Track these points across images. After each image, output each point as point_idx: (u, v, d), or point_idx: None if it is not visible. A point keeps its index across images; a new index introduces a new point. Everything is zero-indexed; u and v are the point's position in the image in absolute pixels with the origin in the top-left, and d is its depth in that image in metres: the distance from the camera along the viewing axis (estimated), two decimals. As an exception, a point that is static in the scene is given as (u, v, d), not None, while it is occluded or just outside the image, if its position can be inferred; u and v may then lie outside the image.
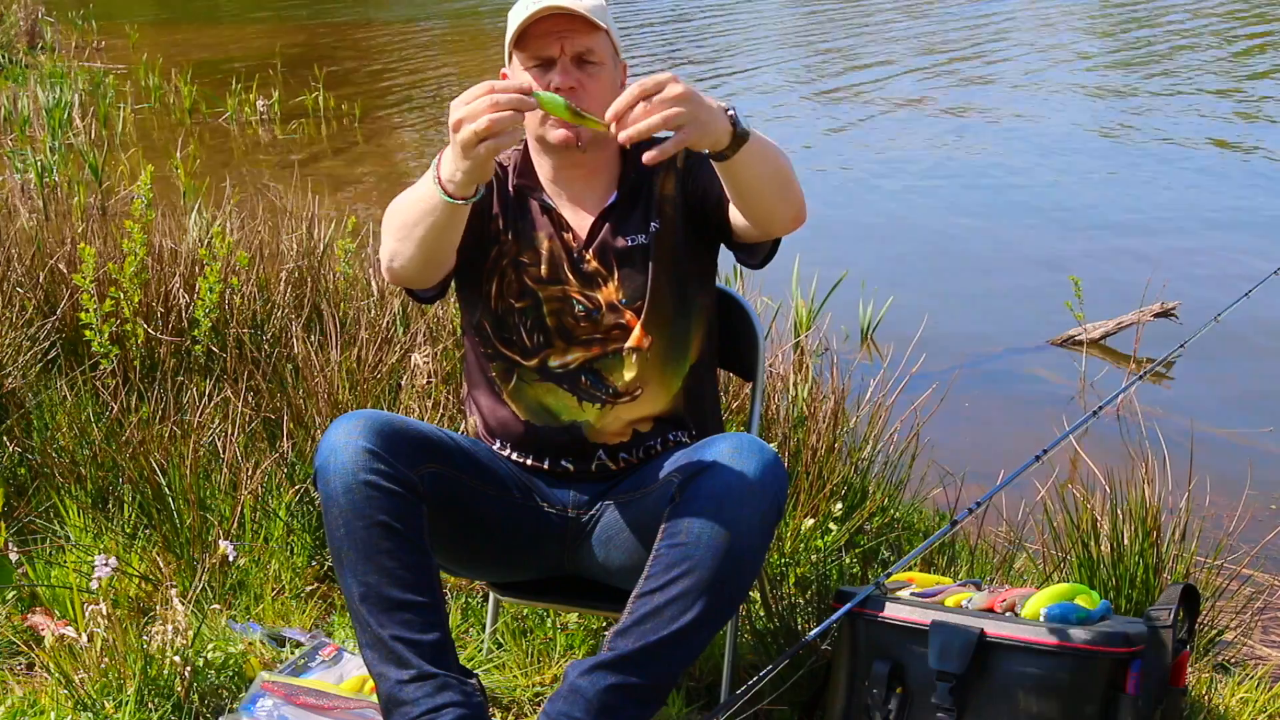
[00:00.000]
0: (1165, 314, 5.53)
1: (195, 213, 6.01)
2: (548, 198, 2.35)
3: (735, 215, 2.25)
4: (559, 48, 2.23)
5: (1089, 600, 2.36)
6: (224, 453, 3.22)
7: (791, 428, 3.51)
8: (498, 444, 2.41)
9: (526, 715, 2.61)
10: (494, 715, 2.56)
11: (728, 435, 2.16)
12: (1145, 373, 3.04)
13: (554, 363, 2.33)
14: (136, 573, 2.87)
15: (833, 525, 3.12)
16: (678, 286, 2.35)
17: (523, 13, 2.23)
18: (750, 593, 2.45)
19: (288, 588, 2.96)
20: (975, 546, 3.26)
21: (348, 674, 2.56)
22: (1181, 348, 3.00)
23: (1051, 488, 3.26)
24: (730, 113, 2.00)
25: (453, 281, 2.36)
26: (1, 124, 9.36)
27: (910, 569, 2.72)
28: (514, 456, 2.40)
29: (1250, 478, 3.55)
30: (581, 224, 2.35)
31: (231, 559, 2.83)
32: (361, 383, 3.52)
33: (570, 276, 2.33)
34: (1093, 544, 2.95)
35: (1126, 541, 2.91)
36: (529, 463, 2.38)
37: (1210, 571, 3.04)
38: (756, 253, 2.31)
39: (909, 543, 3.32)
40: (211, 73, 12.18)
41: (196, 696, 2.46)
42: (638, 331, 2.31)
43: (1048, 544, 3.14)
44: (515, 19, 2.25)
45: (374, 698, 2.22)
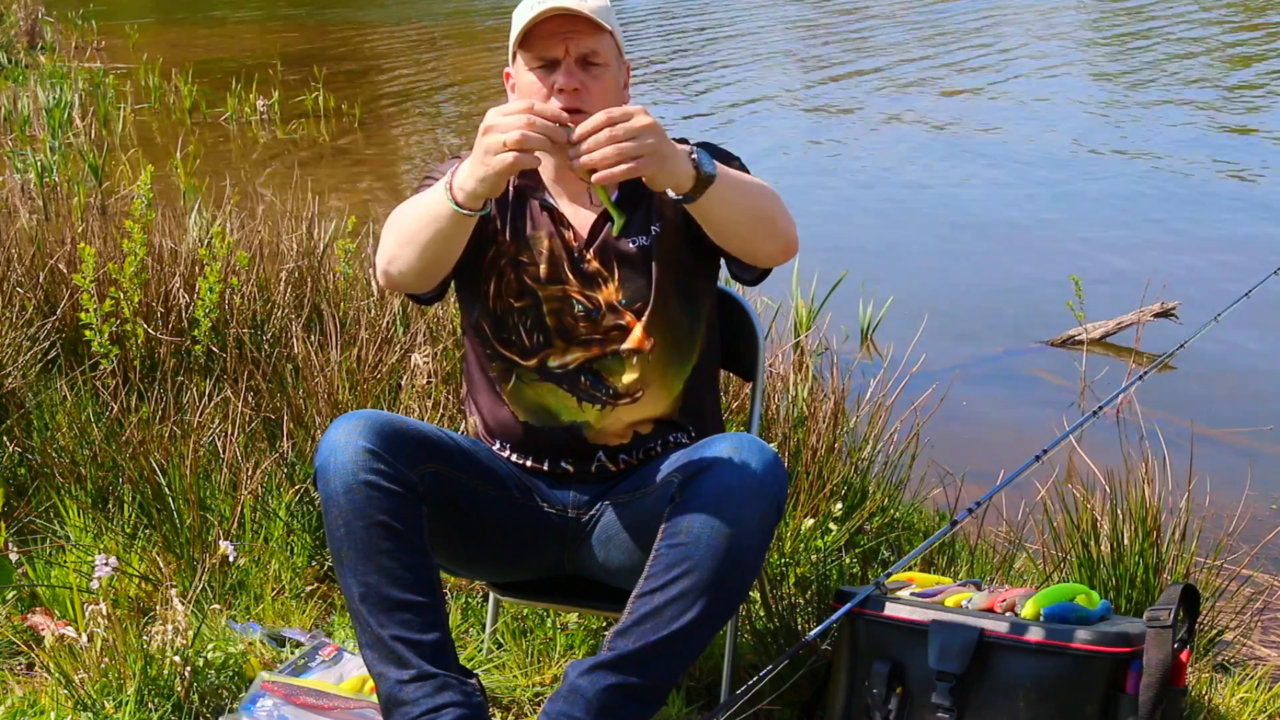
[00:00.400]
0: (1165, 314, 5.53)
1: (195, 213, 6.02)
2: (549, 196, 2.35)
3: None
4: (564, 49, 2.23)
5: (1089, 600, 2.36)
6: (224, 453, 3.22)
7: (791, 428, 3.51)
8: (497, 445, 2.41)
9: (526, 715, 2.61)
10: (494, 715, 2.56)
11: (728, 435, 2.16)
12: (1145, 373, 3.03)
13: (553, 363, 2.33)
14: (136, 573, 2.87)
15: (833, 525, 3.12)
16: (682, 289, 2.35)
17: (528, 13, 2.22)
18: (750, 593, 2.45)
19: (288, 588, 2.96)
20: (975, 546, 3.26)
21: (348, 674, 2.56)
22: (1181, 348, 3.00)
23: (1051, 488, 3.26)
24: (694, 155, 2.01)
25: (452, 282, 2.36)
26: (1, 124, 9.36)
27: (910, 569, 2.72)
28: (514, 458, 2.40)
29: (1250, 478, 3.55)
30: (582, 223, 2.35)
31: (231, 559, 2.83)
32: (361, 383, 3.53)
33: (570, 276, 2.33)
34: (1093, 544, 2.95)
35: (1126, 541, 2.91)
36: (529, 464, 2.38)
37: (1210, 571, 3.04)
38: (751, 270, 2.30)
39: (909, 543, 3.32)
40: (211, 73, 12.18)
41: (196, 696, 2.46)
42: (639, 333, 2.31)
43: (1048, 544, 3.14)
44: (520, 19, 2.24)
45: (374, 698, 2.22)
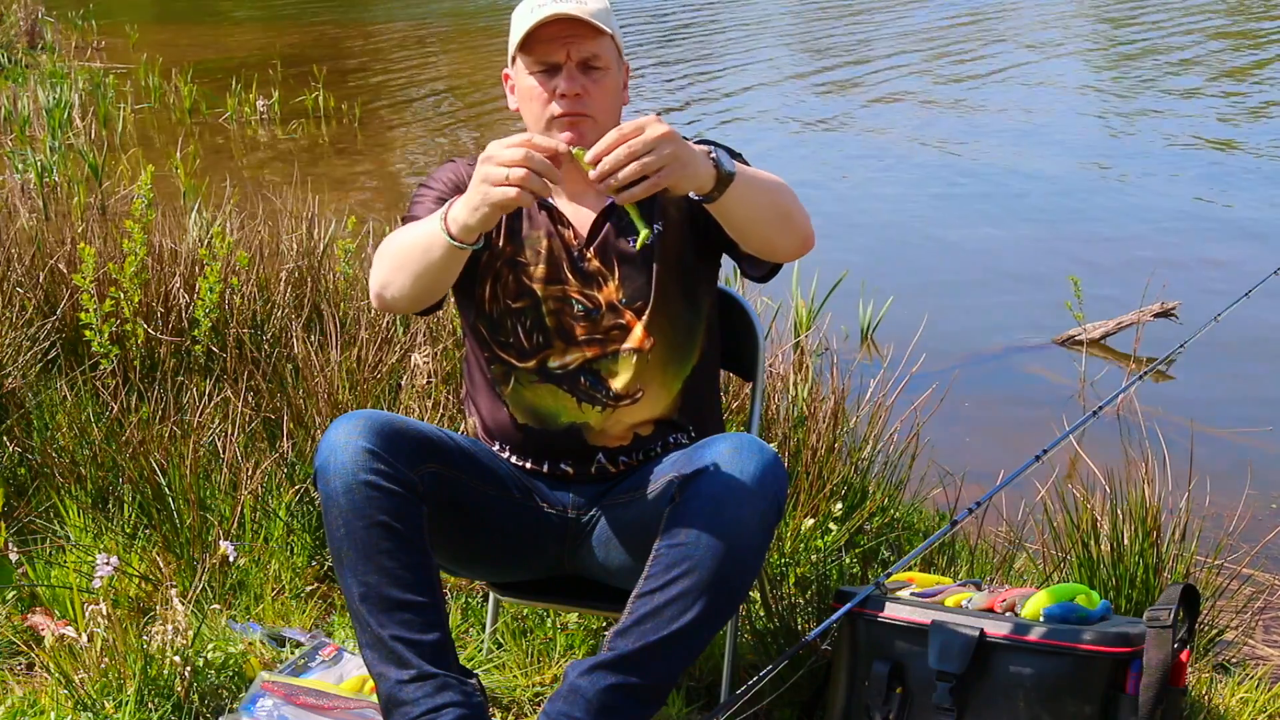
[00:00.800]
0: (1165, 314, 5.53)
1: (195, 213, 6.01)
2: (534, 202, 2.34)
3: None
4: (564, 54, 2.22)
5: (1089, 600, 2.36)
6: (224, 453, 3.22)
7: (791, 428, 3.51)
8: (497, 445, 2.41)
9: (526, 715, 2.61)
10: (494, 715, 2.56)
11: (728, 435, 2.15)
12: (1145, 373, 3.03)
13: (553, 363, 2.33)
14: (136, 573, 2.87)
15: (833, 525, 3.12)
16: (683, 288, 2.35)
17: (528, 17, 2.22)
18: (750, 593, 2.45)
19: (288, 588, 2.96)
20: (975, 546, 3.26)
21: (348, 674, 2.56)
22: (1181, 348, 3.00)
23: (1051, 488, 3.26)
24: (713, 155, 2.01)
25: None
26: (1, 124, 9.36)
27: (910, 569, 2.72)
28: (513, 459, 2.39)
29: (1250, 478, 3.56)
30: (582, 222, 2.34)
31: (231, 559, 2.83)
32: (361, 383, 3.52)
33: (570, 276, 2.32)
34: (1093, 544, 2.95)
35: (1126, 541, 2.91)
36: (528, 465, 2.38)
37: (1210, 571, 3.04)
38: (761, 266, 2.30)
39: (909, 543, 3.32)
40: (211, 73, 12.17)
41: (196, 696, 2.46)
42: (639, 333, 2.31)
43: (1048, 544, 3.14)
44: (520, 22, 2.24)
45: (374, 698, 2.22)
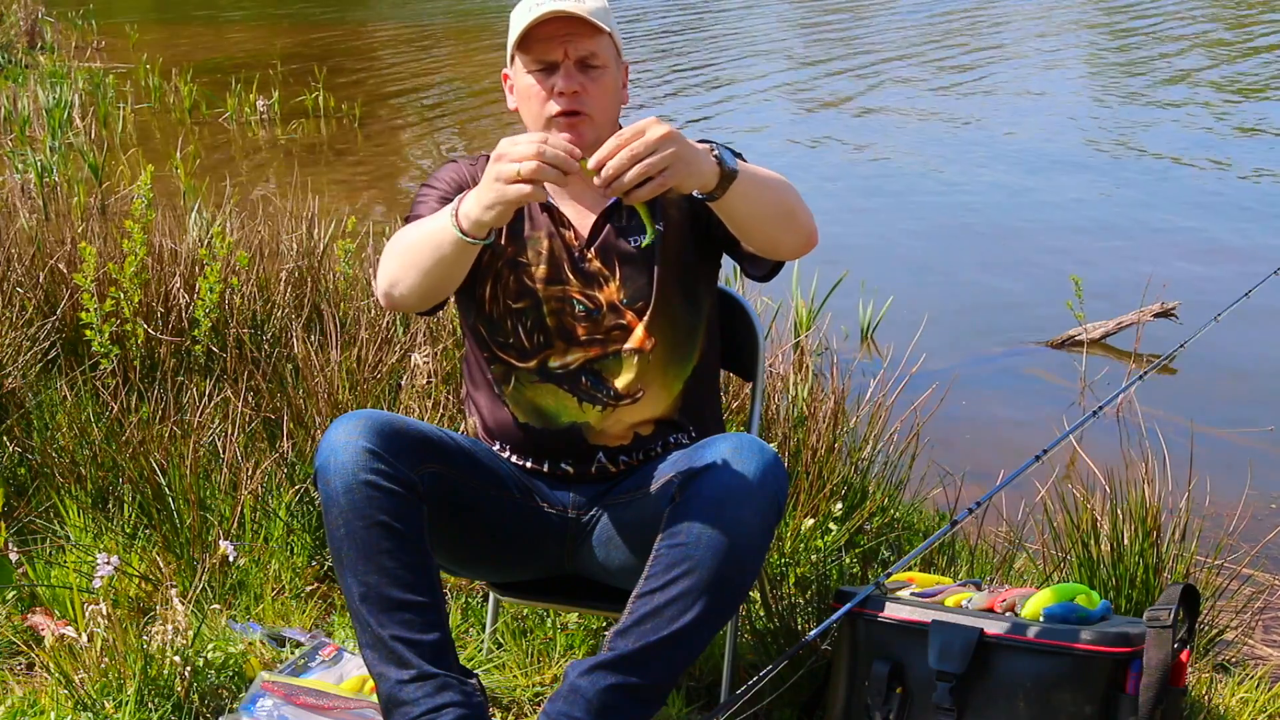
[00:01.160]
0: (1165, 314, 5.53)
1: (195, 213, 6.02)
2: (549, 196, 2.34)
3: None
4: (562, 52, 2.22)
5: (1089, 600, 2.36)
6: (224, 453, 3.21)
7: (791, 428, 3.51)
8: (497, 445, 2.41)
9: (526, 715, 2.61)
10: (494, 715, 2.56)
11: (728, 435, 2.15)
12: (1145, 373, 3.03)
13: (554, 363, 2.33)
14: (136, 573, 2.87)
15: (833, 525, 3.12)
16: (684, 288, 2.35)
17: (526, 15, 2.22)
18: (750, 593, 2.45)
19: (288, 588, 2.96)
20: (975, 546, 3.26)
21: (348, 674, 2.56)
22: (1181, 348, 3.00)
23: (1051, 488, 3.26)
24: (715, 152, 2.01)
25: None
26: (1, 124, 9.36)
27: (910, 569, 2.71)
28: (513, 458, 2.39)
29: (1250, 478, 3.56)
30: (583, 222, 2.34)
31: (231, 559, 2.83)
32: (361, 383, 3.52)
33: (571, 276, 2.32)
34: (1093, 544, 2.95)
35: (1126, 541, 2.91)
36: (528, 465, 2.38)
37: (1210, 571, 3.04)
38: (762, 265, 2.30)
39: (909, 543, 3.32)
40: (211, 73, 12.18)
41: (196, 696, 2.46)
42: (640, 333, 2.31)
43: (1048, 544, 3.14)
44: (518, 21, 2.24)
45: (374, 698, 2.22)
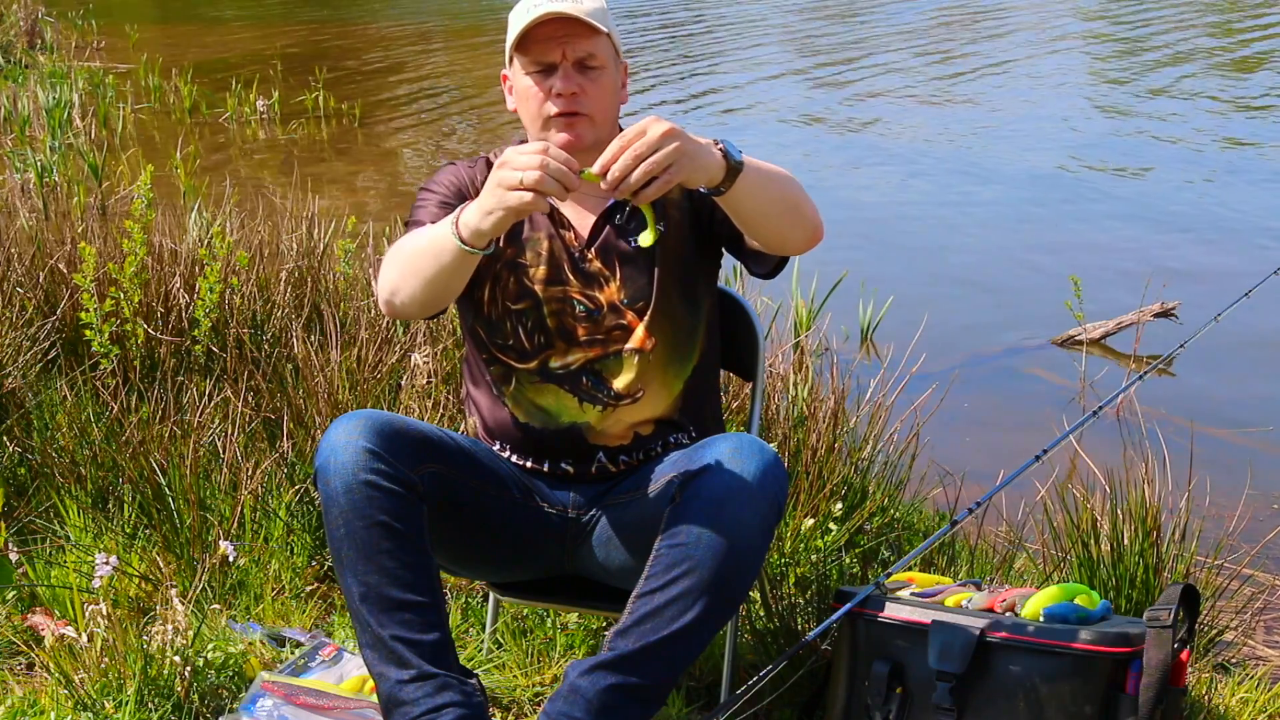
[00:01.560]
0: (1165, 314, 5.53)
1: (195, 213, 6.02)
2: (549, 208, 2.34)
3: None
4: (560, 53, 2.23)
5: (1089, 600, 2.36)
6: (224, 453, 3.21)
7: (791, 428, 3.51)
8: (497, 445, 2.41)
9: (526, 715, 2.61)
10: (494, 715, 2.56)
11: (728, 435, 2.15)
12: (1145, 373, 3.04)
13: (555, 364, 2.33)
14: (136, 573, 2.87)
15: (833, 525, 3.12)
16: (684, 289, 2.35)
17: (524, 16, 2.22)
18: (750, 593, 2.45)
19: (288, 588, 2.96)
20: (975, 546, 3.26)
21: (348, 674, 2.56)
22: (1181, 348, 3.00)
23: (1051, 488, 3.26)
24: (720, 145, 2.01)
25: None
26: (1, 124, 9.35)
27: (910, 569, 2.72)
28: (513, 458, 2.39)
29: (1250, 478, 3.56)
30: (583, 223, 2.34)
31: (231, 559, 2.83)
32: (361, 383, 3.52)
33: (571, 277, 2.33)
34: (1093, 544, 2.95)
35: (1126, 541, 2.91)
36: (528, 464, 2.38)
37: (1210, 571, 3.04)
38: (766, 262, 2.30)
39: (909, 543, 3.32)
40: (211, 73, 12.17)
41: (196, 696, 2.46)
42: (640, 333, 2.31)
43: (1048, 544, 3.14)
44: (516, 22, 2.24)
45: (374, 698, 2.22)
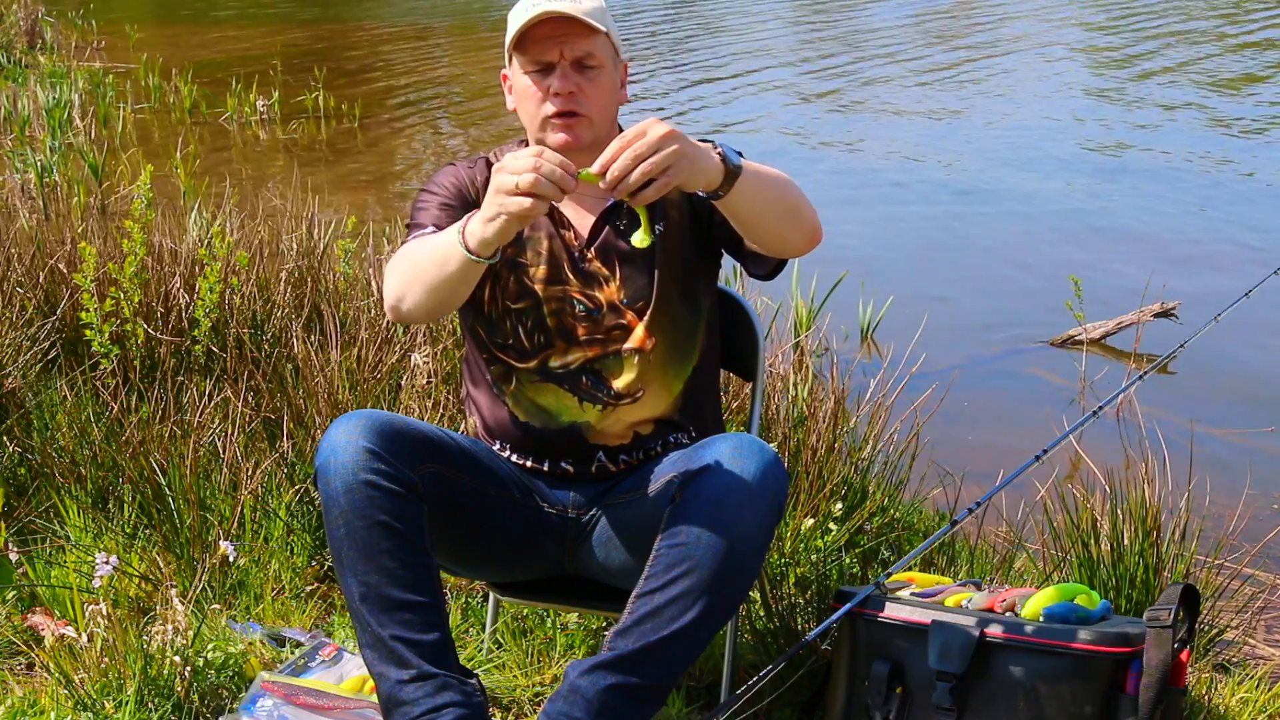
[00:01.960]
0: (1165, 314, 5.53)
1: (195, 213, 6.02)
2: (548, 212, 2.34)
3: None
4: (558, 52, 2.23)
5: (1089, 600, 2.36)
6: (224, 453, 3.21)
7: (791, 428, 3.51)
8: (497, 445, 2.41)
9: (526, 715, 2.62)
10: (494, 715, 2.56)
11: (728, 435, 2.15)
12: (1145, 373, 3.03)
13: (554, 363, 2.33)
14: (136, 573, 2.87)
15: (833, 525, 3.12)
16: (684, 289, 2.35)
17: (522, 16, 2.22)
18: (750, 593, 2.45)
19: (288, 588, 2.96)
20: (975, 546, 3.26)
21: (348, 674, 2.56)
22: (1181, 348, 3.00)
23: (1051, 488, 3.26)
24: (719, 149, 2.01)
25: None
26: (1, 124, 9.35)
27: (910, 569, 2.72)
28: (513, 458, 2.39)
29: (1250, 478, 3.56)
30: (583, 223, 2.35)
31: (231, 559, 2.83)
32: (361, 383, 3.52)
33: (571, 276, 2.33)
34: (1093, 544, 2.95)
35: (1126, 541, 2.91)
36: (528, 464, 2.38)
37: (1210, 571, 3.04)
38: (765, 264, 2.30)
39: (909, 543, 3.32)
40: (211, 73, 12.18)
41: (196, 696, 2.46)
42: (640, 333, 2.31)
43: (1048, 544, 3.14)
44: (514, 22, 2.25)
45: (374, 698, 2.22)
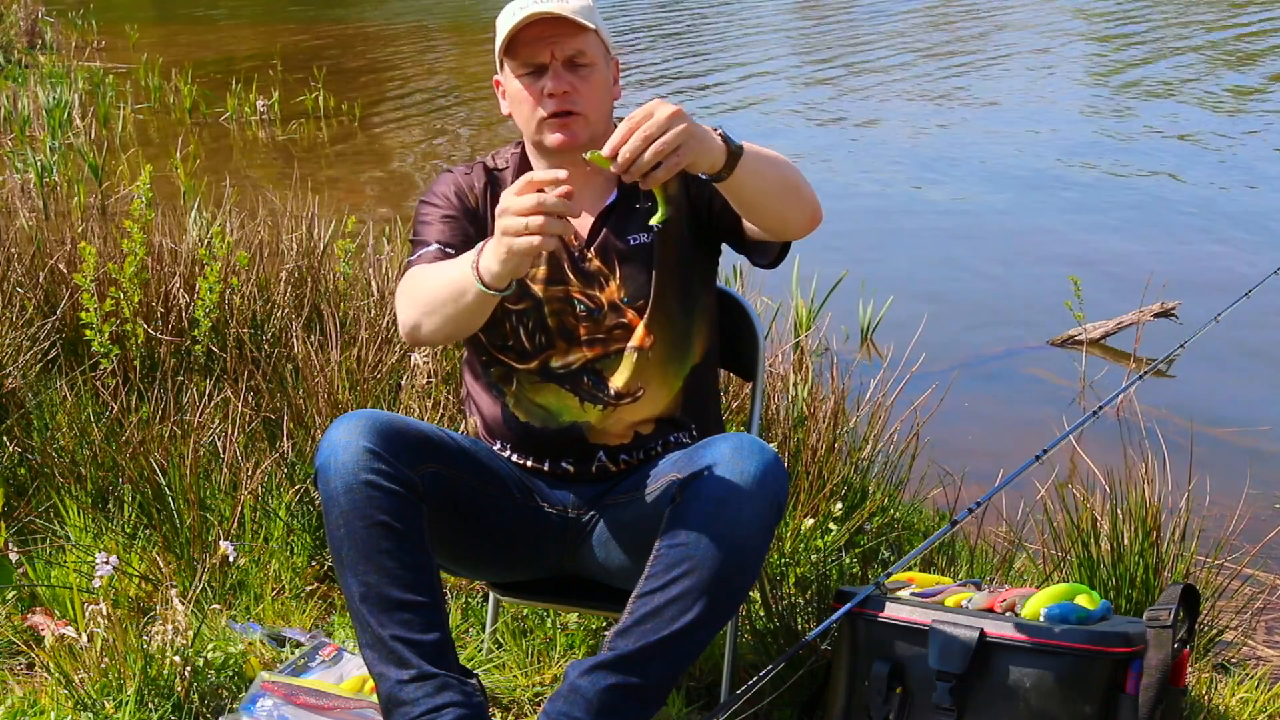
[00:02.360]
0: (1165, 314, 5.53)
1: (195, 213, 6.01)
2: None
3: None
4: (549, 53, 2.23)
5: (1089, 600, 2.36)
6: (224, 453, 3.21)
7: (791, 428, 3.51)
8: (497, 445, 2.41)
9: (526, 715, 2.62)
10: (494, 715, 2.56)
11: (728, 435, 2.16)
12: (1145, 373, 3.04)
13: (555, 363, 2.33)
14: (136, 573, 2.87)
15: (833, 525, 3.12)
16: (682, 286, 2.35)
17: (510, 20, 2.23)
18: (750, 593, 2.45)
19: (288, 588, 2.96)
20: (975, 546, 3.26)
21: (348, 674, 2.56)
22: (1181, 348, 3.00)
23: (1051, 488, 3.26)
24: (719, 131, 2.01)
25: None
26: (1, 124, 9.35)
27: (910, 569, 2.72)
28: (514, 458, 2.40)
29: (1250, 478, 3.55)
30: (582, 223, 2.35)
31: (231, 559, 2.83)
32: (361, 383, 3.52)
33: (571, 276, 2.33)
34: (1093, 544, 2.95)
35: (1126, 541, 2.91)
36: (529, 464, 2.38)
37: (1210, 571, 3.04)
38: (768, 252, 2.30)
39: (909, 543, 3.32)
40: (211, 73, 12.17)
41: (196, 696, 2.46)
42: (640, 331, 2.31)
43: (1048, 544, 3.14)
44: (503, 27, 2.25)
45: (374, 698, 2.22)
